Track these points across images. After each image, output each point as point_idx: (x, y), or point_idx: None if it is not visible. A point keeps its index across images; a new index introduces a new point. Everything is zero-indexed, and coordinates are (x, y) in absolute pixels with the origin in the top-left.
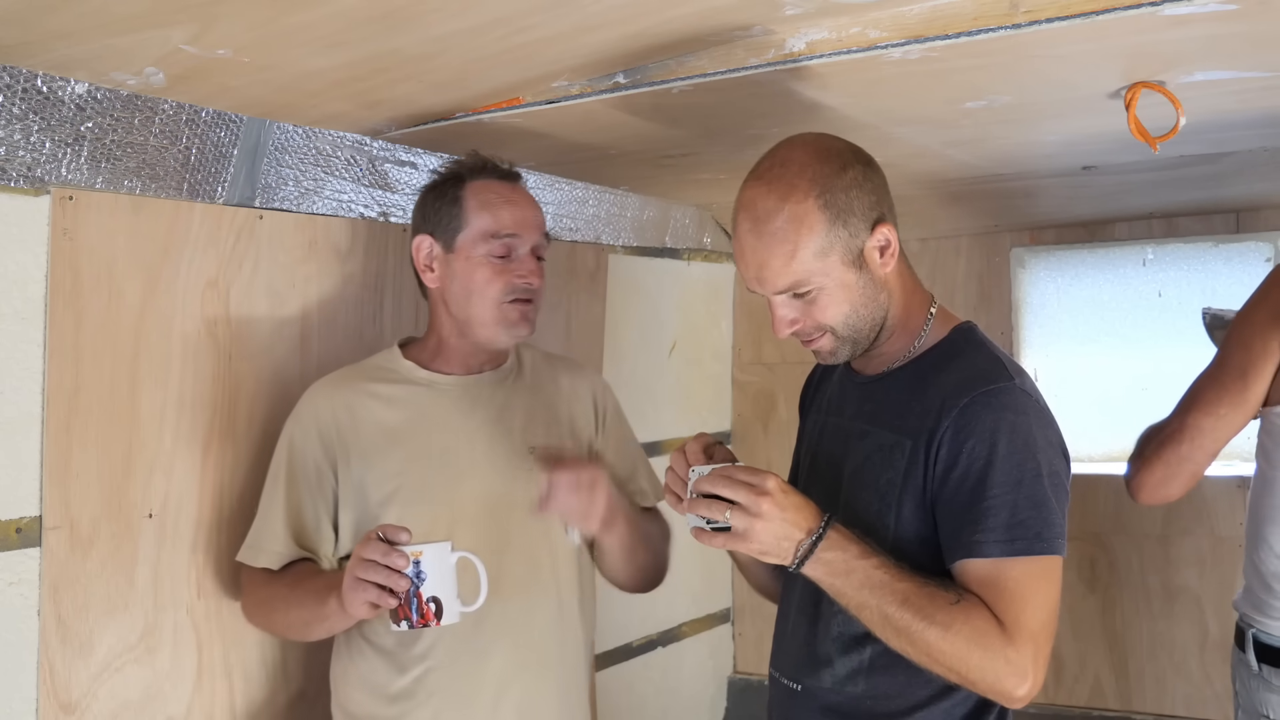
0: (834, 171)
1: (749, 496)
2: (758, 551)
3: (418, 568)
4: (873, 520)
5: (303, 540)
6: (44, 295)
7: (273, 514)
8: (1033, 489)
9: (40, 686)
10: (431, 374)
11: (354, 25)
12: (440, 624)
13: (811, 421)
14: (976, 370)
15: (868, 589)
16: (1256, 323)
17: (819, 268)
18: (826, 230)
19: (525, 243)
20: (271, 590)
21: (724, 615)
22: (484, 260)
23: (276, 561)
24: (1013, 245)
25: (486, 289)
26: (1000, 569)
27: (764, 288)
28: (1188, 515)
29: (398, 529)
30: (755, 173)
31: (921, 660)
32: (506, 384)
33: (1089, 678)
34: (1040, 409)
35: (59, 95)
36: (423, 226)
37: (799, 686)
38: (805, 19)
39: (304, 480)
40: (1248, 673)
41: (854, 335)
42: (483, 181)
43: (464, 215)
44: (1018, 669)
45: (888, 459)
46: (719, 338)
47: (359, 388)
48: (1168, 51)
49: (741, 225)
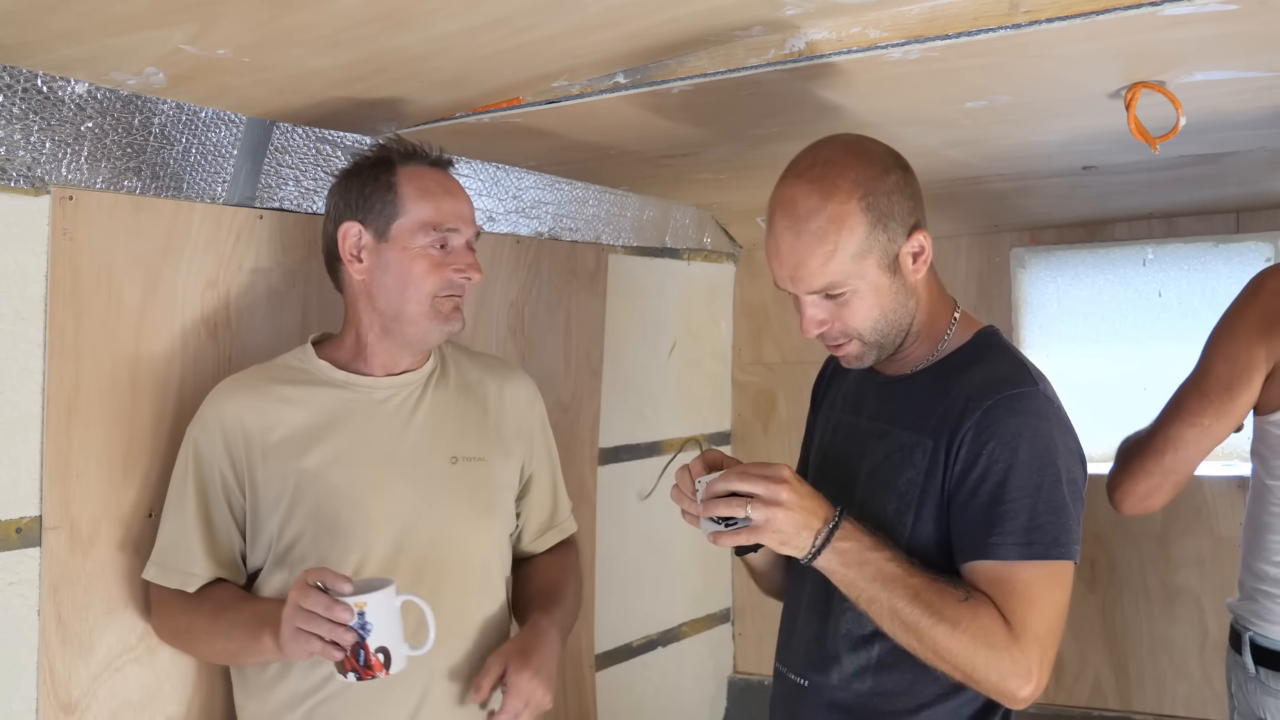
0: (877, 175)
1: (766, 486)
2: (778, 542)
3: (363, 619)
4: (890, 520)
5: (220, 559)
6: (44, 295)
7: (183, 529)
8: (1052, 494)
9: (40, 686)
10: (349, 375)
11: (354, 25)
12: (390, 673)
13: (824, 417)
14: (1000, 374)
15: (879, 582)
16: (1240, 334)
17: (855, 270)
18: (867, 233)
19: (462, 236)
20: (191, 619)
21: (724, 615)
22: (422, 252)
23: (193, 584)
24: (1013, 245)
25: (423, 282)
26: (1013, 571)
27: (797, 286)
28: (1188, 515)
29: (338, 578)
30: (795, 170)
31: (927, 657)
32: (431, 387)
33: (1089, 678)
34: (1061, 415)
35: (59, 95)
36: (348, 213)
37: (806, 682)
38: (805, 19)
39: (213, 492)
40: (1244, 675)
41: (881, 340)
42: (416, 168)
43: (400, 202)
44: (1022, 669)
45: (908, 459)
46: (719, 338)
47: (267, 390)
48: (1168, 51)
49: (779, 222)
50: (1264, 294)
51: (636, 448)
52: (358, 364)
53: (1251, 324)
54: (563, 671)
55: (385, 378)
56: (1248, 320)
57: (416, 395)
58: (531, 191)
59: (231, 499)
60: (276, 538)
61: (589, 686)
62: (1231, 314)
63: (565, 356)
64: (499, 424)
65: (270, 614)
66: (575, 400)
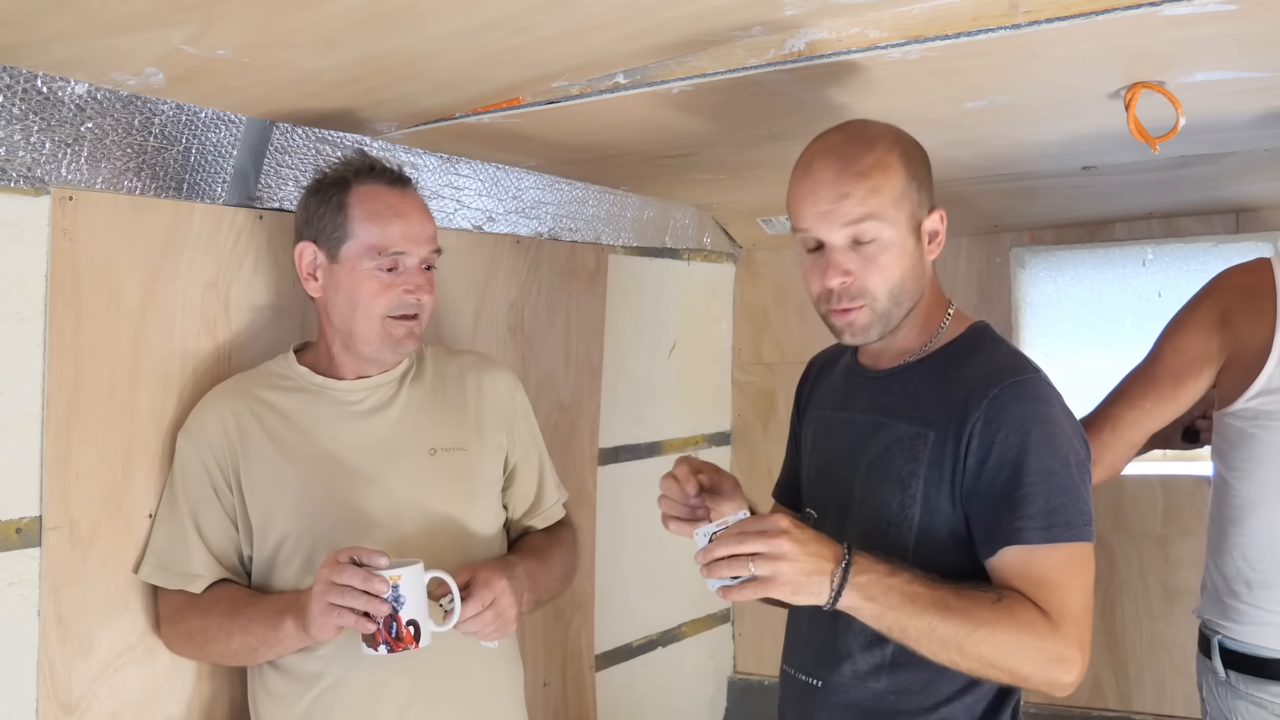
0: (912, 145)
1: (764, 543)
2: (790, 593)
3: (396, 591)
4: (895, 513)
5: (221, 560)
6: (44, 295)
7: (183, 532)
8: (1063, 477)
9: (40, 686)
10: (325, 379)
11: (354, 25)
12: (419, 646)
13: (813, 418)
14: (1001, 363)
15: (908, 606)
16: (1193, 328)
17: (891, 215)
18: (904, 185)
19: (414, 257)
20: (204, 621)
21: (724, 615)
22: (370, 274)
23: (198, 584)
24: (1013, 245)
25: (371, 304)
26: (1039, 556)
27: (833, 222)
28: (1188, 515)
29: (374, 553)
30: (831, 131)
31: (973, 668)
32: (405, 385)
33: (1089, 678)
34: (1062, 401)
35: (59, 95)
36: (305, 232)
37: (819, 682)
38: (805, 19)
39: (205, 498)
40: (1214, 680)
41: (890, 310)
42: (369, 187)
43: (349, 225)
44: (1067, 655)
45: (908, 450)
46: (719, 338)
47: (251, 396)
48: (1168, 51)
49: (821, 160)
50: (1220, 290)
51: (636, 448)
52: (332, 369)
53: (1205, 319)
54: (563, 671)
55: (357, 380)
56: (1202, 315)
57: (391, 393)
58: (531, 191)
59: (224, 502)
60: (265, 539)
61: (589, 686)
62: (1188, 308)
63: (565, 356)
64: (479, 415)
65: (289, 603)
66: (575, 400)
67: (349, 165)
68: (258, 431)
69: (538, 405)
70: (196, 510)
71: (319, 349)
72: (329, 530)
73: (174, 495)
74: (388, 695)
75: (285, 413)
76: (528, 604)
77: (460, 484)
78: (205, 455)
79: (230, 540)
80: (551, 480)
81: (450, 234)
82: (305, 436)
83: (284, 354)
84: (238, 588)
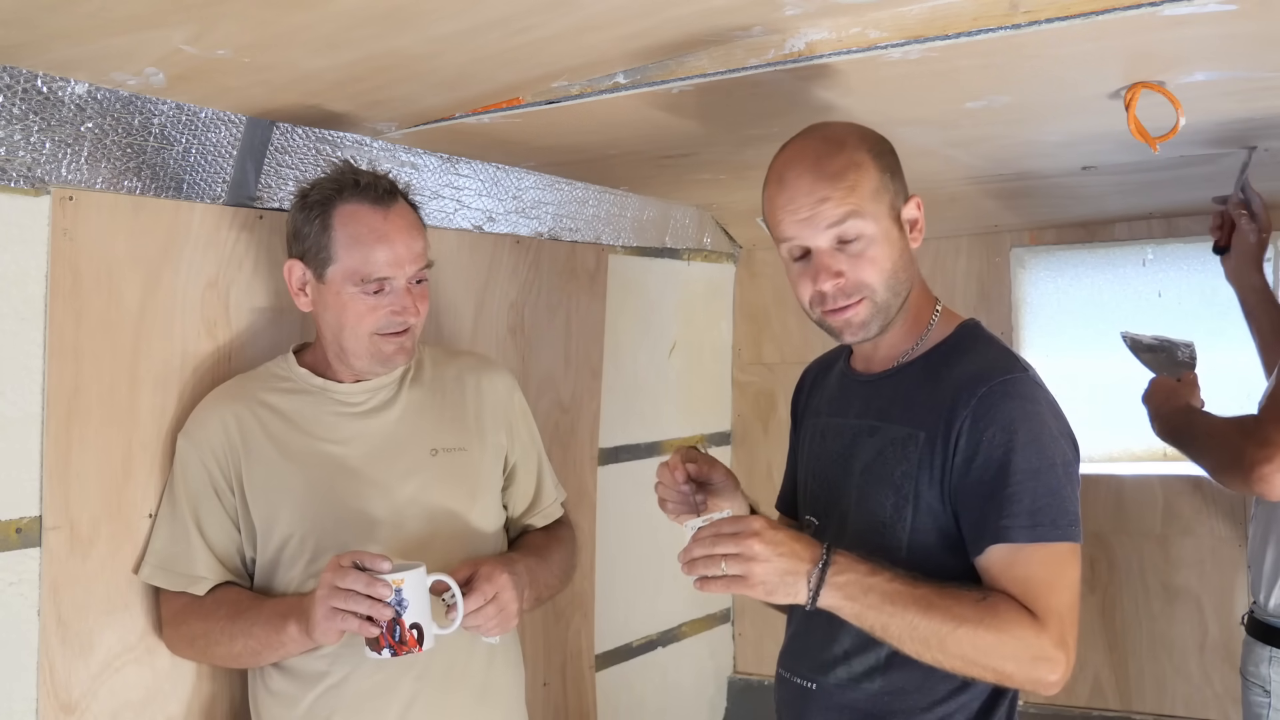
0: (878, 139)
1: (736, 544)
2: (764, 593)
3: (399, 595)
4: (889, 515)
5: (228, 562)
6: (44, 295)
7: (185, 534)
8: (1048, 478)
9: (40, 686)
10: (325, 381)
11: (354, 25)
12: (422, 649)
13: (809, 425)
14: (989, 362)
15: (889, 605)
16: None
17: (873, 210)
18: (879, 178)
19: (399, 280)
20: (207, 624)
21: (724, 615)
22: (355, 296)
23: (201, 586)
24: (1013, 245)
25: (358, 325)
26: (1025, 555)
27: (816, 227)
28: (1188, 515)
29: (376, 556)
30: (796, 138)
31: (956, 666)
32: (405, 387)
33: (1089, 678)
34: (1050, 399)
35: (59, 95)
36: (294, 248)
37: (814, 685)
38: (805, 19)
39: (206, 500)
40: None
41: (889, 301)
42: (353, 207)
43: (332, 248)
44: (1050, 654)
45: (901, 452)
46: (719, 338)
47: (252, 397)
48: (1168, 51)
49: (794, 170)
50: None
51: (636, 448)
52: (330, 372)
53: None
54: (563, 671)
55: (356, 384)
56: None
57: (391, 395)
58: (531, 191)
59: (225, 504)
60: (268, 541)
61: (589, 686)
62: None
63: (565, 356)
64: (478, 415)
65: (293, 606)
66: (575, 400)
67: (334, 181)
68: (259, 434)
69: (538, 405)
70: (198, 512)
71: (318, 350)
72: (332, 531)
73: (174, 497)
74: (390, 695)
75: (286, 415)
76: (528, 600)
77: (462, 484)
78: (206, 457)
79: (232, 542)
80: (550, 479)
81: (450, 234)
82: (306, 438)
83: (284, 355)
84: (240, 590)
